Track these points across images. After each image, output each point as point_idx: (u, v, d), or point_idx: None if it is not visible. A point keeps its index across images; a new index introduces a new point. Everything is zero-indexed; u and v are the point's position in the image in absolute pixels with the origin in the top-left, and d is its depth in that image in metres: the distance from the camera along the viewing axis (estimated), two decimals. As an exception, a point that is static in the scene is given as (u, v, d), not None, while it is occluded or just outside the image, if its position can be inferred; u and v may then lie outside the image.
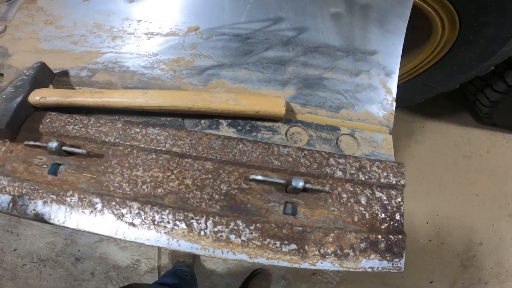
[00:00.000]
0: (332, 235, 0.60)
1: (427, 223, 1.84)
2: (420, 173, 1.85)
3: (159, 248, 1.80)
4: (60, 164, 0.68)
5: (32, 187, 0.64)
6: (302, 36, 0.84)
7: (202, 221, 0.60)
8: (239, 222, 0.60)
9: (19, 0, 1.02)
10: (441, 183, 1.87)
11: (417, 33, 1.48)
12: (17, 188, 0.64)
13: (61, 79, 0.84)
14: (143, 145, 0.67)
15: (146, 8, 0.91)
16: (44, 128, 0.70)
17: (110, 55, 0.86)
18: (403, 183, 0.66)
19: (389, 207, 0.64)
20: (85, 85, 0.82)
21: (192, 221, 0.60)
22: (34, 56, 0.89)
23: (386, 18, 0.86)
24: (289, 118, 0.77)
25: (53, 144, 0.64)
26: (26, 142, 0.67)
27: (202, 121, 0.74)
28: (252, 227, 0.60)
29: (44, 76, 0.79)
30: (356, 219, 0.63)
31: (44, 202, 0.63)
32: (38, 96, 0.71)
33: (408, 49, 1.53)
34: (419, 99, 1.69)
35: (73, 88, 0.83)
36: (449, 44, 1.42)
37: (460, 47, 1.40)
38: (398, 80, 0.86)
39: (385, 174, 0.66)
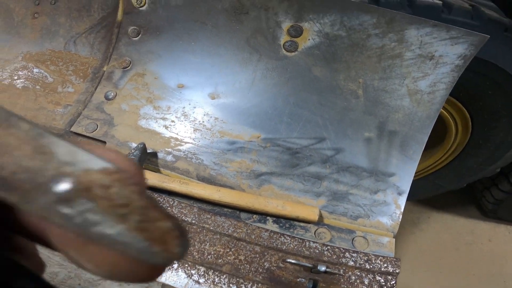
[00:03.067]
0: None
1: (423, 295, 1.98)
2: (421, 254, 2.01)
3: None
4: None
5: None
6: (338, 156, 1.10)
7: (249, 286, 0.85)
8: (275, 289, 0.85)
9: (132, 70, 1.26)
10: (440, 263, 2.02)
11: (433, 136, 1.69)
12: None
13: (151, 159, 1.12)
14: (211, 228, 0.93)
15: (223, 108, 1.19)
16: (143, 203, 0.97)
17: (190, 145, 1.13)
18: (398, 271, 0.90)
19: (385, 286, 0.89)
20: (168, 169, 1.09)
21: (241, 285, 0.85)
22: (133, 132, 1.18)
23: (407, 144, 1.10)
24: (318, 221, 1.01)
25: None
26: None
27: (254, 216, 0.99)
28: None
29: (143, 156, 1.07)
30: None
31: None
32: (142, 178, 0.99)
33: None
34: (427, 196, 1.87)
35: (159, 169, 1.10)
36: (460, 147, 1.60)
37: (470, 151, 1.59)
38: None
39: (385, 265, 0.91)
